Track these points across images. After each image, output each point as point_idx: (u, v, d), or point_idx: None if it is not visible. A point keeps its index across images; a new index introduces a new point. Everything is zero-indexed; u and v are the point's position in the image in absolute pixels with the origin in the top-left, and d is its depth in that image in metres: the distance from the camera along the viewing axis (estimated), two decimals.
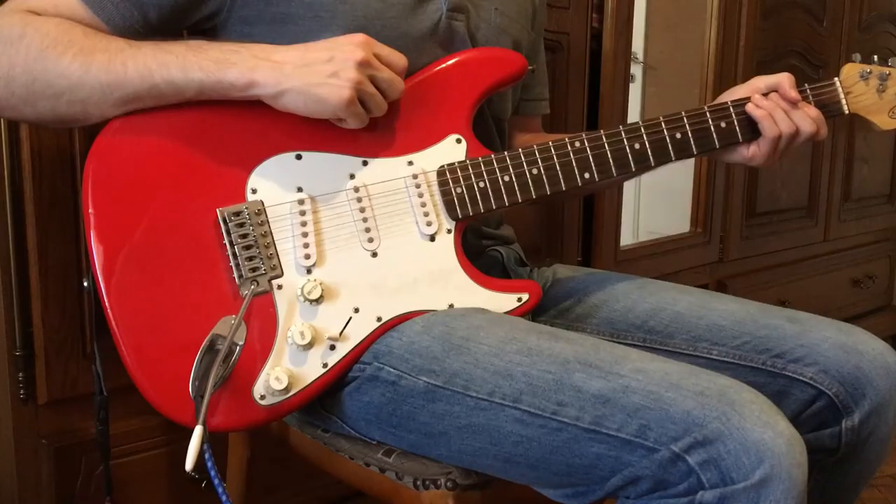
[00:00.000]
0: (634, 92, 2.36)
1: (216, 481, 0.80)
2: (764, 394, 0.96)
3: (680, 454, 0.74)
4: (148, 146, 0.87)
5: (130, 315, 0.84)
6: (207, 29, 0.96)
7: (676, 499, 0.76)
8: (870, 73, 1.07)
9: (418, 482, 0.90)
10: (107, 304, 0.84)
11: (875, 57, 1.08)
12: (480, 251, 1.06)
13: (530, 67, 1.00)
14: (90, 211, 0.85)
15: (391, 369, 0.88)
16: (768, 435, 0.73)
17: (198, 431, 0.78)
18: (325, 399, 0.93)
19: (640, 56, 2.64)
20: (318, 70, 0.85)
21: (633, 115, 2.31)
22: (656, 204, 2.48)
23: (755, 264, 2.31)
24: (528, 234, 1.70)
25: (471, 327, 0.88)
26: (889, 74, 1.08)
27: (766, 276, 2.35)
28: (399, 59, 0.90)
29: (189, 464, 0.76)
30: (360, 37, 0.87)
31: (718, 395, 0.75)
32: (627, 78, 1.87)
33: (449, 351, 0.86)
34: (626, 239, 1.98)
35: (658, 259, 2.01)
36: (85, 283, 0.87)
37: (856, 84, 1.07)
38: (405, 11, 0.96)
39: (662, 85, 2.66)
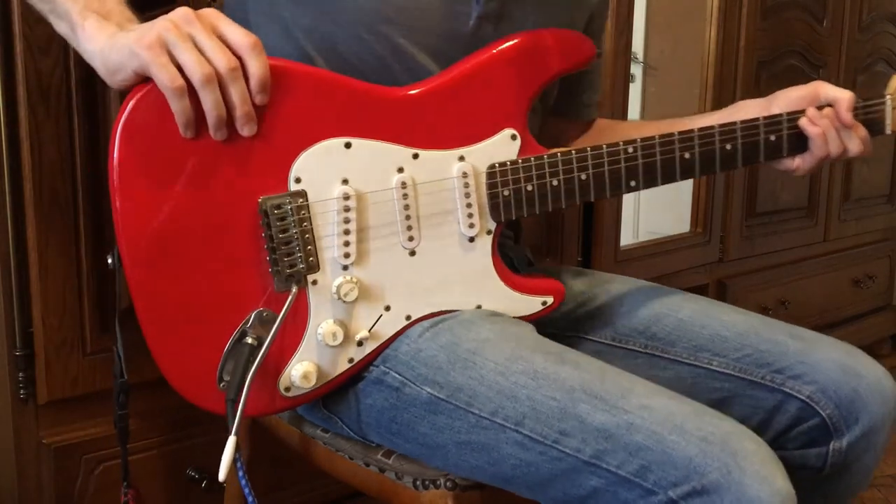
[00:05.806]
0: (634, 92, 2.36)
1: (247, 490, 0.80)
2: (759, 408, 0.96)
3: (676, 501, 0.74)
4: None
5: (157, 297, 0.82)
6: None
7: None
8: None
9: (418, 482, 0.90)
10: (133, 283, 0.81)
11: None
12: None
13: (598, 52, 0.94)
14: (117, 186, 0.80)
15: (396, 374, 0.88)
16: (765, 492, 0.73)
17: (231, 442, 0.78)
18: (328, 399, 0.93)
19: (640, 56, 2.64)
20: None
21: (633, 115, 2.30)
22: (656, 204, 2.48)
23: (755, 264, 2.31)
24: (529, 234, 1.69)
25: (478, 340, 0.87)
26: None
27: (766, 276, 2.35)
28: (246, 36, 0.79)
29: (222, 474, 0.77)
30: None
31: (721, 442, 0.75)
32: (627, 78, 1.87)
33: (455, 363, 0.86)
34: (626, 239, 1.98)
35: (658, 259, 2.01)
36: (109, 261, 0.83)
37: None
38: (433, 6, 0.92)
39: (662, 85, 2.65)
